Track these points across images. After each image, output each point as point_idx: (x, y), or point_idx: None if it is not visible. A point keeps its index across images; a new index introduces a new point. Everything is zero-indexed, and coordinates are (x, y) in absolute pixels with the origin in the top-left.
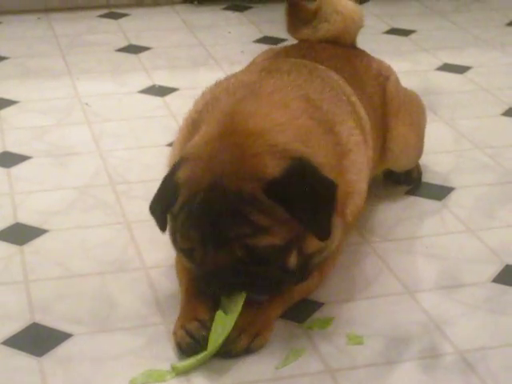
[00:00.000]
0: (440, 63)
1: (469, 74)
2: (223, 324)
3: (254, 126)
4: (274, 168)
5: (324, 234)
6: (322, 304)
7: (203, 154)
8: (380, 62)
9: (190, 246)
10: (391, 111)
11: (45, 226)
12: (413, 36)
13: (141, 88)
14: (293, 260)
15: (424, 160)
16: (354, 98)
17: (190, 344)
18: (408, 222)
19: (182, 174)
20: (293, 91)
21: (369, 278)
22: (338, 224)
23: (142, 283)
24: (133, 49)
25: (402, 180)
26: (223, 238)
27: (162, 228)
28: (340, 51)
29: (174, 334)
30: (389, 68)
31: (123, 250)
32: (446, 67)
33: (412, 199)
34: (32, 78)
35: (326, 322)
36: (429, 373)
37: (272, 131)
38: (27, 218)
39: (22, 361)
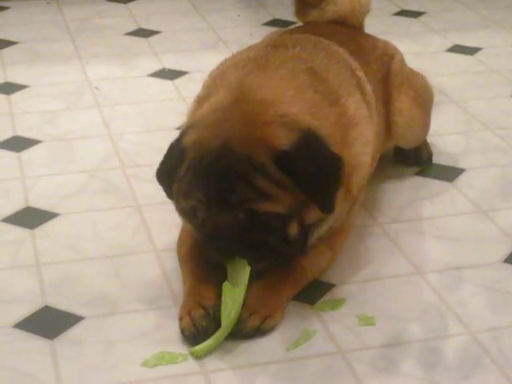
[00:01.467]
0: (450, 44)
1: (479, 55)
2: (232, 296)
3: (264, 96)
4: (284, 139)
5: (328, 208)
6: (333, 285)
7: (212, 121)
8: (386, 42)
9: (194, 205)
10: (394, 85)
11: (56, 210)
12: (422, 17)
13: (150, 72)
14: (293, 230)
15: (434, 141)
16: (359, 73)
17: (193, 333)
18: (418, 203)
19: (188, 139)
20: (299, 65)
21: (379, 260)
22: (341, 197)
23: (152, 266)
24: (142, 32)
25: (413, 161)
26: (227, 200)
27: (169, 194)
28: (345, 29)
29: (180, 319)
30: (394, 48)
31: (134, 233)
32: (456, 48)
33: (422, 180)
34: (41, 62)
35: (338, 303)
36: (440, 353)
37: (281, 102)
38: (38, 202)
39: (34, 343)
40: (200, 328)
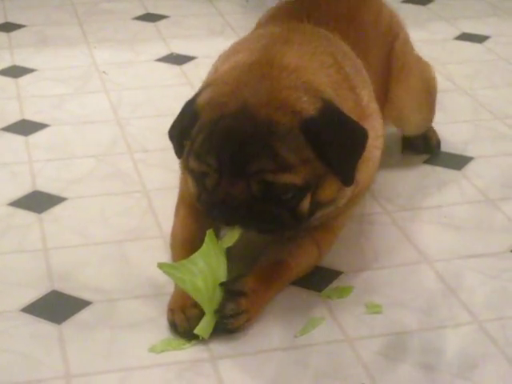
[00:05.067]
0: (458, 32)
1: (488, 43)
2: (211, 253)
3: (289, 62)
4: (310, 105)
5: (349, 179)
6: (341, 273)
7: (231, 80)
8: (391, 15)
9: (205, 170)
10: (397, 67)
11: (63, 194)
12: (431, 5)
13: (158, 56)
14: (305, 205)
15: (442, 130)
16: (364, 71)
17: (186, 330)
18: (426, 192)
19: (203, 98)
20: (321, 47)
21: (387, 248)
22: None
23: (160, 251)
24: (150, 17)
25: (422, 149)
26: (242, 169)
27: (178, 153)
28: (345, 6)
29: (172, 312)
30: (399, 24)
31: (141, 218)
32: (465, 36)
33: (430, 169)
34: (49, 46)
35: (345, 290)
36: (447, 342)
37: (306, 70)
38: (46, 186)
39: (42, 328)
40: (194, 325)
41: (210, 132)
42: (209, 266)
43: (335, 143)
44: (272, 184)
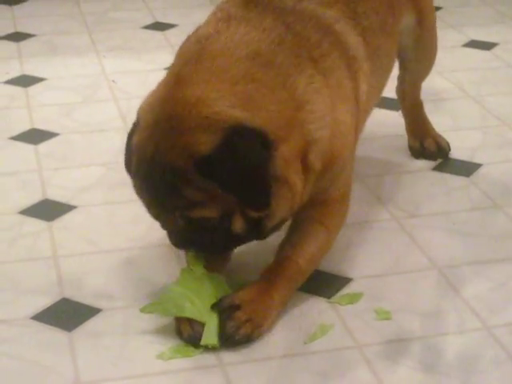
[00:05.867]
0: (466, 40)
1: (495, 50)
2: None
3: (191, 95)
4: (206, 144)
5: (260, 205)
6: (351, 279)
7: (149, 121)
8: None
9: (144, 203)
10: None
11: (73, 202)
12: (439, 12)
13: (167, 65)
14: (237, 224)
15: (451, 136)
16: (338, 26)
17: (192, 336)
18: (435, 198)
19: (134, 140)
20: (240, 50)
21: (397, 254)
22: (297, 178)
23: (169, 259)
24: (159, 26)
25: (435, 154)
26: (165, 208)
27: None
28: None
29: (176, 318)
30: None
31: (151, 226)
32: (473, 44)
33: (439, 175)
34: (59, 55)
35: (355, 297)
36: (457, 348)
37: (207, 100)
38: (55, 195)
39: (52, 335)
40: (198, 331)
41: (134, 176)
42: (189, 289)
43: (234, 176)
44: (191, 218)
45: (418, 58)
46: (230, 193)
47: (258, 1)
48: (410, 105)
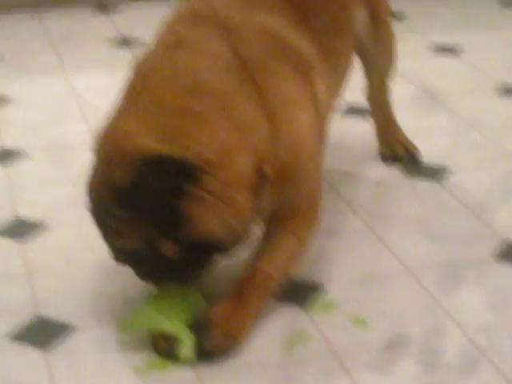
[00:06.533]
0: (433, 45)
1: (463, 55)
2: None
3: (122, 129)
4: (123, 177)
5: (171, 228)
6: (325, 288)
7: (98, 154)
8: None
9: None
10: None
11: (46, 222)
12: (405, 19)
13: None
14: (168, 250)
15: (422, 141)
16: (286, 33)
17: (166, 350)
18: (407, 203)
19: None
20: (182, 80)
21: (370, 260)
22: (235, 199)
23: None
24: (127, 43)
25: (389, 157)
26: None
27: None
28: None
29: (153, 337)
30: None
31: None
32: (440, 49)
33: (410, 181)
34: (26, 75)
35: (330, 306)
36: (436, 353)
37: (134, 134)
38: (28, 215)
39: (28, 355)
40: (172, 345)
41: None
42: (164, 304)
43: (146, 207)
44: (124, 250)
45: (377, 51)
46: (149, 221)
47: (206, 17)
48: (379, 107)
